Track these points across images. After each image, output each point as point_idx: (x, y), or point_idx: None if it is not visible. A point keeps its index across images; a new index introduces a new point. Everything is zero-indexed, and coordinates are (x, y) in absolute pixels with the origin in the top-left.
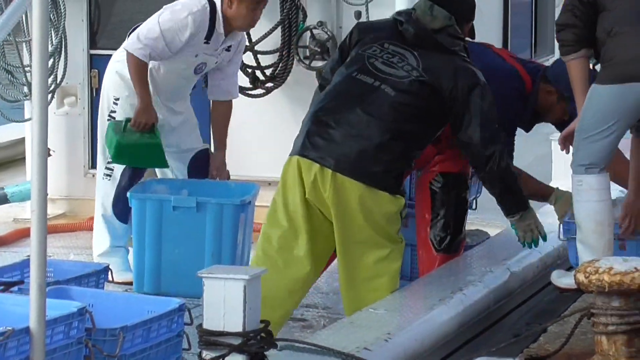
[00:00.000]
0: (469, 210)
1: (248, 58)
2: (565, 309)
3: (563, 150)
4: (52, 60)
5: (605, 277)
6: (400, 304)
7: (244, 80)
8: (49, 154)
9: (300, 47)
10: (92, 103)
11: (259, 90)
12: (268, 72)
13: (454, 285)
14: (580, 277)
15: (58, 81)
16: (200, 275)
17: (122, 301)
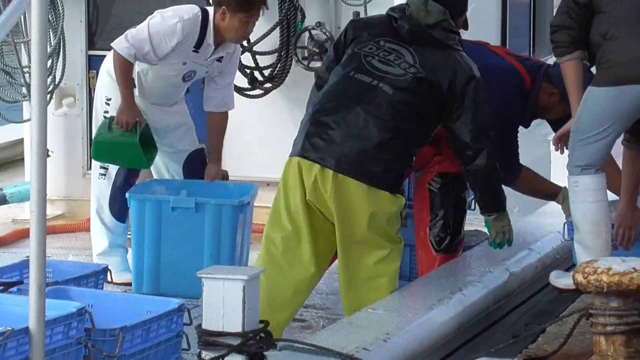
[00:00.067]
0: (468, 211)
1: (246, 59)
2: (564, 310)
3: (557, 150)
4: (51, 61)
5: (604, 278)
6: (400, 304)
7: (242, 81)
8: (48, 155)
9: (299, 48)
10: (91, 104)
11: (258, 91)
12: (266, 73)
13: (453, 286)
14: (579, 278)
15: (56, 82)
16: (199, 275)
17: (122, 301)
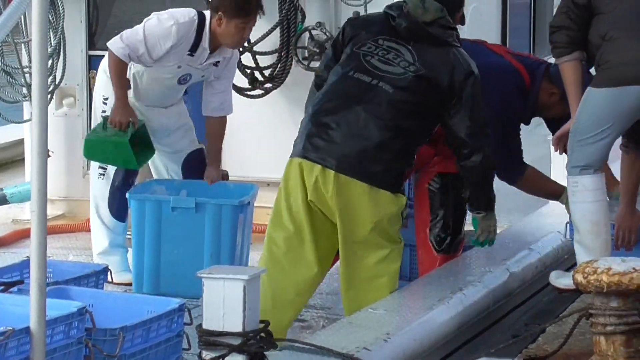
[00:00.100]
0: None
1: (247, 59)
2: (564, 310)
3: (557, 151)
4: (51, 61)
5: (604, 278)
6: (400, 304)
7: (242, 81)
8: (48, 155)
9: (299, 48)
10: (91, 104)
11: (258, 91)
12: (267, 73)
13: (454, 286)
14: (579, 278)
15: (57, 82)
16: (199, 275)
17: (122, 301)
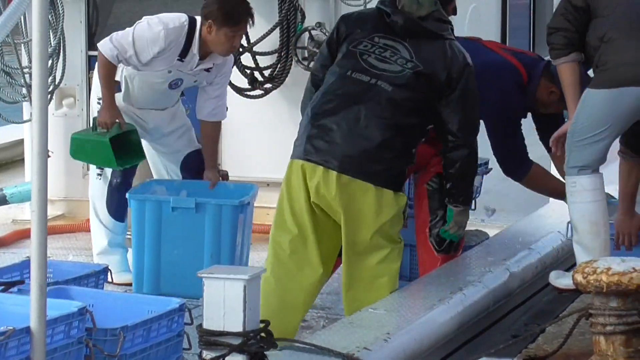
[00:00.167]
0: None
1: (247, 59)
2: (564, 310)
3: (555, 151)
4: (51, 61)
5: (604, 278)
6: (400, 304)
7: (242, 81)
8: (48, 155)
9: (299, 48)
10: (91, 104)
11: (258, 91)
12: (267, 73)
13: (454, 286)
14: (578, 278)
15: (56, 82)
16: (200, 275)
17: (123, 301)
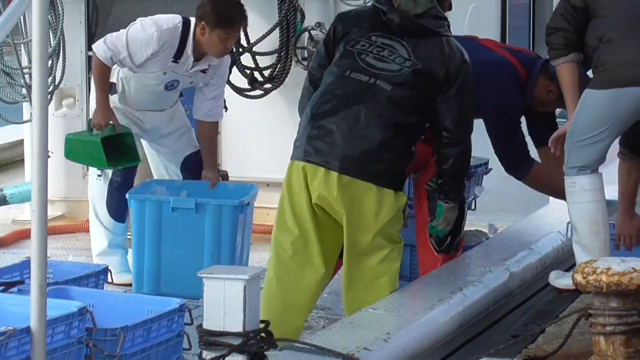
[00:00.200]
0: (469, 211)
1: (246, 59)
2: (564, 310)
3: (554, 152)
4: (51, 61)
5: (603, 278)
6: (400, 304)
7: (242, 82)
8: (48, 156)
9: (299, 48)
10: (90, 105)
11: (258, 92)
12: (266, 73)
13: (454, 286)
14: (578, 278)
15: (56, 83)
16: (200, 275)
17: (123, 301)
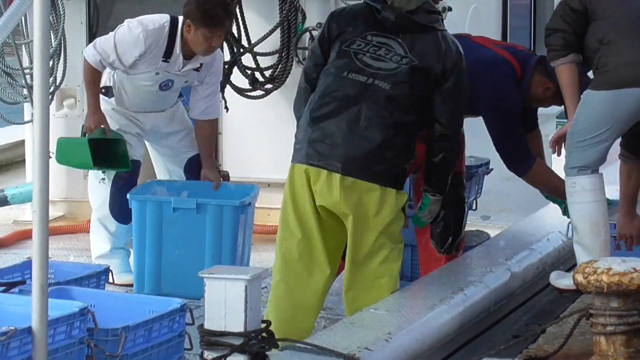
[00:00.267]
0: (469, 211)
1: (247, 60)
2: (564, 310)
3: (554, 153)
4: (52, 62)
5: (604, 278)
6: (401, 304)
7: (243, 82)
8: (49, 156)
9: (300, 49)
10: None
11: (259, 92)
12: (267, 74)
13: (455, 286)
14: (579, 278)
15: (57, 83)
16: (201, 275)
17: (124, 301)
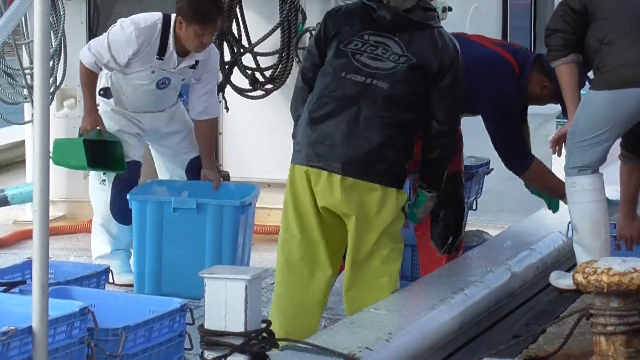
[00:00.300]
0: (470, 211)
1: (248, 60)
2: (564, 310)
3: (555, 153)
4: (52, 62)
5: (604, 278)
6: (402, 304)
7: (243, 82)
8: (50, 156)
9: (300, 49)
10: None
11: (259, 92)
12: (268, 74)
13: (455, 286)
14: (579, 278)
15: (58, 83)
16: (201, 275)
17: (124, 301)
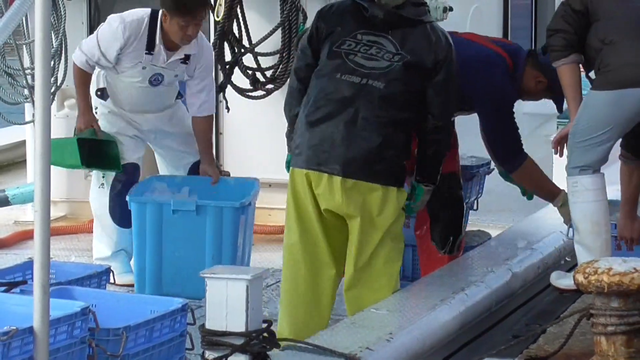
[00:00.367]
0: (471, 211)
1: (248, 60)
2: (565, 310)
3: (556, 153)
4: (53, 62)
5: (605, 278)
6: (402, 304)
7: (244, 82)
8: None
9: None
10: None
11: (260, 92)
12: (268, 74)
13: (456, 286)
14: (580, 278)
15: (58, 84)
16: (202, 275)
17: (125, 301)
